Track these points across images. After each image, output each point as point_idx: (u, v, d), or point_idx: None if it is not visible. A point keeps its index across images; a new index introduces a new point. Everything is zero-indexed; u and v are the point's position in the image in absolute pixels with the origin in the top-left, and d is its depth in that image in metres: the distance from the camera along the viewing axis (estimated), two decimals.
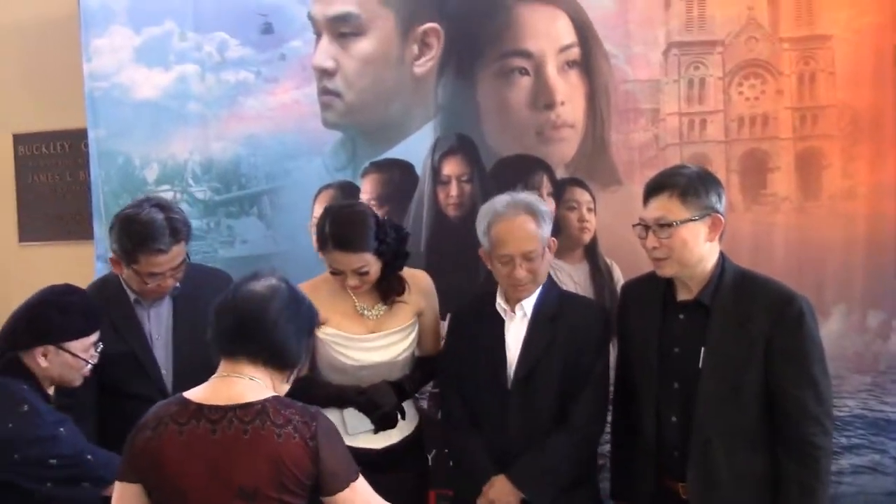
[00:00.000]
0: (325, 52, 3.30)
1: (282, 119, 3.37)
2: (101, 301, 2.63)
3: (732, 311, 2.26)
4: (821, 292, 2.81)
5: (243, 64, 3.41)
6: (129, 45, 3.55)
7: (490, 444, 2.52)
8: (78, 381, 2.42)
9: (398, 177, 3.26)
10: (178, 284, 2.67)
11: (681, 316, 2.34)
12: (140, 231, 2.50)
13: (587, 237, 3.08)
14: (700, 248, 2.26)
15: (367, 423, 2.58)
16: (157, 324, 2.67)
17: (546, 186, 3.08)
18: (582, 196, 3.07)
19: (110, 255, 2.61)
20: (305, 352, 2.03)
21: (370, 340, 2.61)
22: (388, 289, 2.62)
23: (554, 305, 2.51)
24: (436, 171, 3.20)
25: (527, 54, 3.08)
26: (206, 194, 3.46)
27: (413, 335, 2.67)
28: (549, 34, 3.06)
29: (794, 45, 2.86)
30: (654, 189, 2.28)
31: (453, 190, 3.19)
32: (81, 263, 3.63)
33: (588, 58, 3.03)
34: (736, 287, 2.29)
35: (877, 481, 2.89)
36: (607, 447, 2.88)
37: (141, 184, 3.52)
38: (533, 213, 2.44)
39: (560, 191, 3.08)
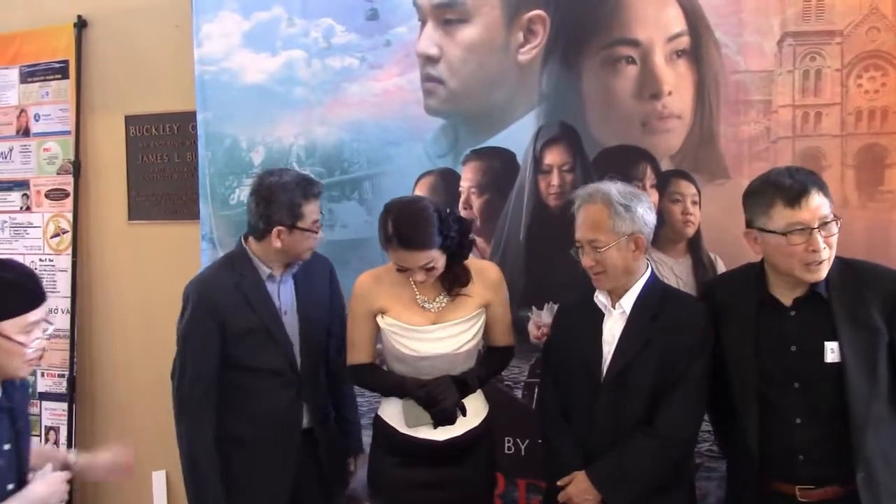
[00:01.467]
0: (429, 39, 3.31)
1: (385, 105, 3.40)
2: (234, 278, 2.76)
3: (850, 300, 2.22)
4: None
5: (348, 50, 3.45)
6: (238, 30, 3.63)
7: (579, 439, 2.51)
8: (24, 372, 2.18)
9: (499, 165, 3.25)
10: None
11: (793, 313, 2.28)
12: (304, 181, 2.72)
13: (691, 230, 3.01)
14: None
15: (426, 416, 2.60)
16: (285, 299, 2.80)
17: (650, 178, 3.02)
18: (687, 189, 3.00)
19: (280, 228, 2.68)
20: None
21: (430, 332, 2.62)
22: (453, 280, 2.64)
23: (655, 303, 2.47)
24: (537, 160, 3.17)
25: (634, 43, 3.01)
26: None
27: (476, 328, 2.67)
28: (657, 22, 2.99)
29: None
30: (805, 189, 2.20)
31: (554, 179, 3.16)
32: (187, 242, 3.75)
33: (698, 47, 2.95)
34: (842, 276, 2.25)
35: None
36: (704, 446, 2.84)
37: (247, 166, 3.61)
38: (609, 203, 2.40)
39: (664, 183, 3.02)
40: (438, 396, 2.57)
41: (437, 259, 2.54)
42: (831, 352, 2.23)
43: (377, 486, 2.73)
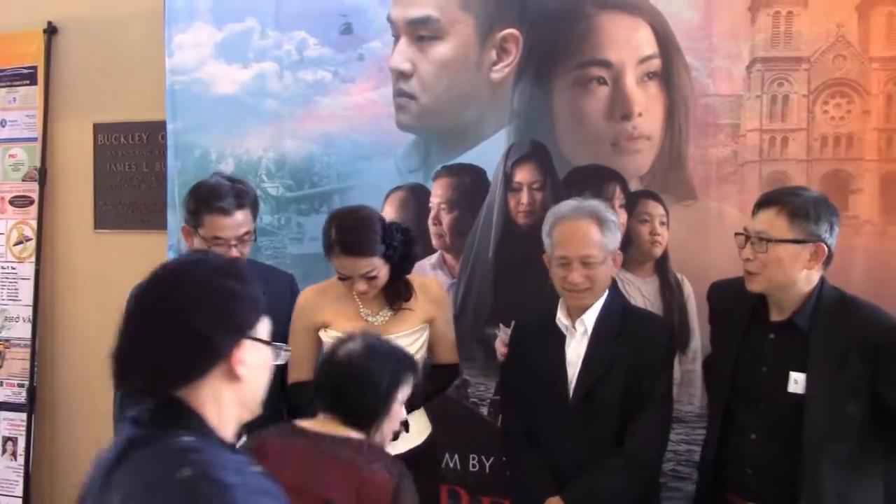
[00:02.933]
0: (402, 55, 3.31)
1: (356, 119, 3.39)
2: None
3: (831, 338, 2.20)
4: None
5: (321, 63, 3.44)
6: (210, 41, 3.61)
7: (548, 462, 2.49)
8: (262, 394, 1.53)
9: (469, 182, 3.26)
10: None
11: (771, 336, 2.29)
12: (205, 192, 2.63)
13: (658, 251, 3.03)
14: (794, 273, 2.22)
15: None
16: None
17: (619, 198, 3.04)
18: (655, 209, 3.02)
19: (185, 227, 2.70)
20: (393, 401, 2.12)
21: None
22: (395, 294, 2.63)
23: (617, 322, 2.47)
24: (508, 177, 3.18)
25: (606, 64, 3.04)
26: (278, 191, 3.51)
27: (420, 342, 2.67)
28: (629, 44, 3.02)
29: (883, 64, 2.77)
30: (765, 202, 2.27)
31: (524, 197, 3.17)
32: (154, 253, 3.69)
33: (669, 69, 2.98)
34: (835, 313, 2.23)
35: None
36: (668, 465, 2.85)
37: None
38: (598, 219, 2.43)
39: (633, 203, 3.04)
40: None
41: (380, 268, 2.54)
42: (794, 382, 2.23)
43: None
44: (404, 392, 2.14)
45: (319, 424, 2.07)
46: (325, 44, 3.44)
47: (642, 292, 3.03)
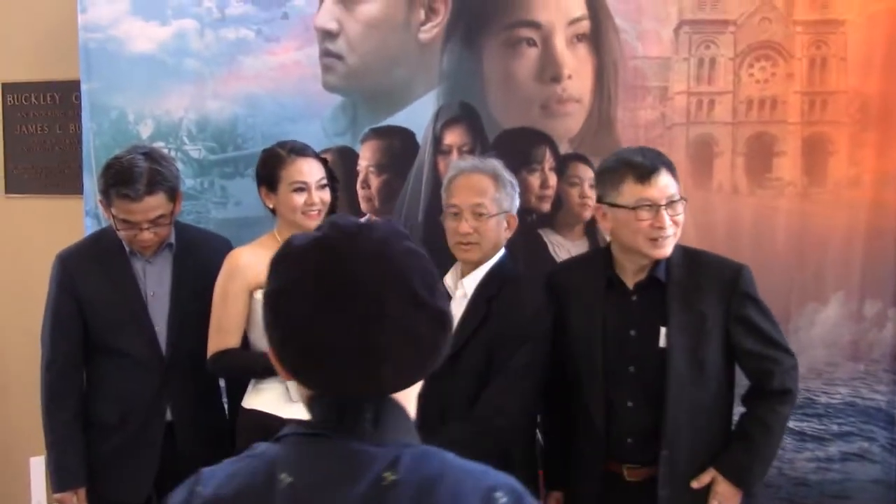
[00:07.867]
0: (328, 13, 3.22)
1: (281, 80, 3.29)
2: (97, 252, 2.67)
3: (686, 287, 2.28)
4: (820, 279, 2.81)
5: (244, 21, 3.31)
6: None
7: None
8: None
9: (398, 144, 3.20)
10: (172, 241, 2.70)
11: (634, 297, 2.32)
12: (115, 174, 2.54)
13: (588, 214, 3.03)
14: None
15: None
16: (155, 281, 2.68)
17: (549, 161, 3.04)
18: (585, 172, 3.02)
19: (101, 199, 2.64)
20: None
21: None
22: None
23: (495, 286, 2.45)
24: (437, 140, 3.14)
25: (535, 25, 3.01)
26: (200, 153, 3.39)
27: None
28: (558, 6, 2.99)
29: (806, 28, 2.82)
30: (656, 167, 2.25)
31: (454, 160, 3.13)
32: (70, 218, 3.56)
33: (598, 32, 2.97)
34: (685, 263, 2.31)
35: (864, 468, 2.89)
36: None
37: (135, 139, 3.41)
38: (495, 175, 2.46)
39: (563, 166, 3.04)
40: None
41: (324, 191, 2.64)
42: (664, 337, 2.28)
43: None
44: None
45: None
46: (248, 1, 3.31)
47: (571, 254, 3.04)
